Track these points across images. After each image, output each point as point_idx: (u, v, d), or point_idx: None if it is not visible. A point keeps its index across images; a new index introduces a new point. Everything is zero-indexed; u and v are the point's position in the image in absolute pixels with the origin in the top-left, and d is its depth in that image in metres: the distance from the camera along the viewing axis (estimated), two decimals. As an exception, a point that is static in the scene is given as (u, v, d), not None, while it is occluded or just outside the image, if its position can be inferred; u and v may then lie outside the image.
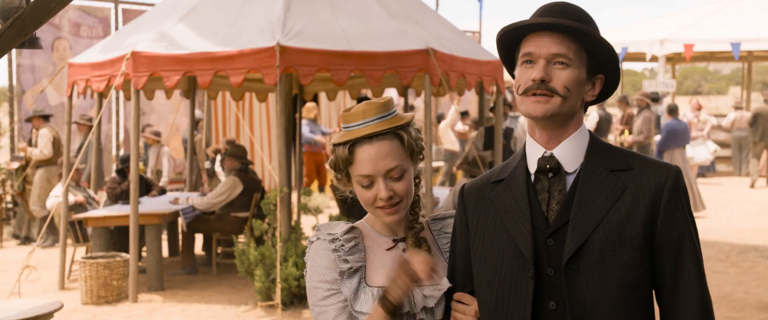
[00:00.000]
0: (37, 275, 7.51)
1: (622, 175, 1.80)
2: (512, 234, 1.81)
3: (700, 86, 42.44)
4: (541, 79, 1.76)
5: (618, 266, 1.74)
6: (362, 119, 1.96)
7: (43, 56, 11.72)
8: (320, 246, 2.00)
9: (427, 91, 7.06)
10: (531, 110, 1.78)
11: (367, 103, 1.99)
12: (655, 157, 11.17)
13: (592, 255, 1.74)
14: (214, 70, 6.70)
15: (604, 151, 1.85)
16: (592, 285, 1.74)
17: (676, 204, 1.78)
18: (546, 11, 1.82)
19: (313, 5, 7.14)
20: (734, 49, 15.90)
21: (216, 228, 8.35)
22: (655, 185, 1.78)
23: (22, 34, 2.91)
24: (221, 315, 6.70)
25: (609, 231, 1.75)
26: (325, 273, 1.96)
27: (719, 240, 9.73)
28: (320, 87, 9.61)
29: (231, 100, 12.88)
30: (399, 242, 2.03)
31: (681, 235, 1.78)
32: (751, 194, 14.39)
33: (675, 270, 1.78)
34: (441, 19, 8.63)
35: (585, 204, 1.77)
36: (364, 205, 2.01)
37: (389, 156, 1.95)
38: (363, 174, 1.95)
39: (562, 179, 1.81)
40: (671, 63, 20.70)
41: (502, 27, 1.84)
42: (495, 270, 1.83)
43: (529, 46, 1.80)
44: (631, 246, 1.75)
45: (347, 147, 1.96)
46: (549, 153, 1.82)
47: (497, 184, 1.90)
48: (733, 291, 7.22)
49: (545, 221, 1.80)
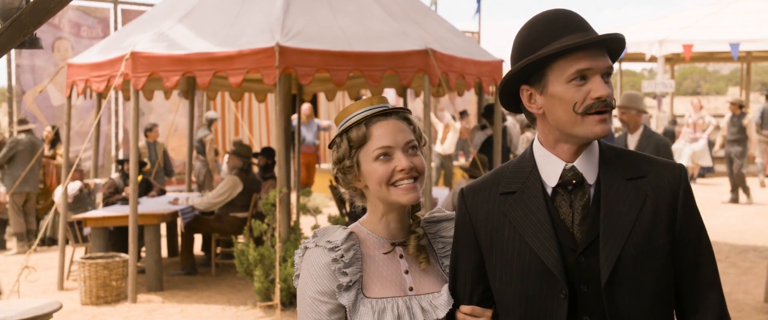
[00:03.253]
0: (36, 275, 7.51)
1: (639, 184, 1.79)
2: (538, 252, 1.77)
3: (699, 87, 42.46)
4: (608, 95, 1.73)
5: (649, 276, 1.75)
6: (363, 107, 1.98)
7: (43, 57, 11.72)
8: (319, 255, 1.94)
9: (426, 91, 7.06)
10: (597, 131, 1.74)
11: (367, 98, 2.01)
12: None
13: (626, 269, 1.74)
14: (214, 71, 6.70)
15: (615, 159, 1.83)
16: (628, 299, 1.74)
17: (690, 203, 1.81)
18: (575, 24, 1.76)
19: (312, 6, 7.14)
20: (733, 49, 15.92)
21: (215, 229, 8.35)
22: (670, 188, 1.79)
23: (22, 34, 2.91)
24: (220, 316, 6.70)
25: (638, 244, 1.75)
26: (324, 284, 1.91)
27: (719, 241, 9.74)
28: (319, 87, 9.61)
29: (230, 101, 12.91)
30: (397, 246, 2.00)
31: (699, 233, 1.82)
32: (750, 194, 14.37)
33: (695, 267, 1.81)
34: (440, 20, 8.63)
35: (612, 218, 1.76)
36: (379, 185, 1.94)
37: (405, 130, 1.97)
38: (382, 145, 1.93)
39: (586, 192, 1.79)
40: (670, 63, 20.72)
41: (556, 45, 1.73)
42: (521, 288, 1.80)
43: (583, 63, 1.72)
44: (659, 254, 1.76)
45: (363, 124, 1.95)
46: (570, 165, 1.80)
47: (508, 196, 1.85)
48: (732, 291, 7.22)
49: (572, 237, 1.78)
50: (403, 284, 1.96)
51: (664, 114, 18.01)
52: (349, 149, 1.97)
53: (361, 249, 1.97)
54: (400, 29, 7.22)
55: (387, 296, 1.93)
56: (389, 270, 1.97)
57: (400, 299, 1.93)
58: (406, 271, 1.98)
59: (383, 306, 1.91)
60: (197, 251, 8.89)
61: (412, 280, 1.97)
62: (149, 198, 9.00)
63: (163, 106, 12.68)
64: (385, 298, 1.92)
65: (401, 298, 1.94)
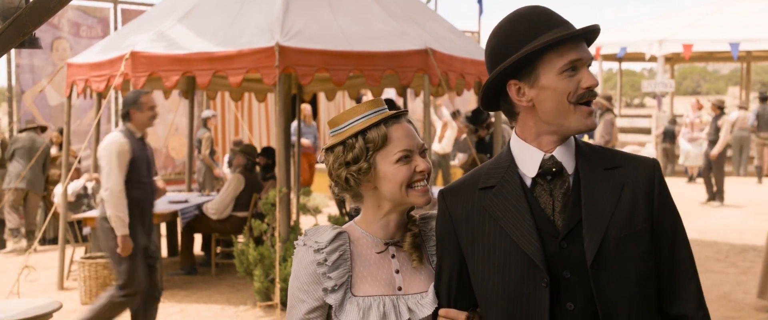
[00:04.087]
0: (36, 275, 7.52)
1: (616, 173, 1.84)
2: (517, 241, 1.80)
3: (699, 86, 42.50)
4: (596, 84, 1.79)
5: (632, 261, 1.78)
6: (372, 108, 1.99)
7: (42, 56, 11.72)
8: (304, 254, 1.98)
9: (426, 91, 7.06)
10: (588, 123, 1.80)
11: (363, 102, 2.01)
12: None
13: (609, 253, 1.77)
14: (213, 70, 6.70)
15: (590, 152, 1.88)
16: (613, 282, 1.77)
17: (666, 195, 1.86)
18: (557, 19, 1.82)
19: (312, 5, 7.14)
20: (733, 49, 15.93)
21: (215, 229, 8.35)
22: (646, 178, 1.84)
23: (22, 34, 2.90)
24: (220, 316, 6.70)
25: (620, 227, 1.78)
26: (305, 283, 1.96)
27: (718, 240, 9.74)
28: (319, 87, 9.61)
29: (230, 100, 12.90)
30: (390, 246, 2.02)
31: (673, 223, 1.85)
32: (750, 194, 14.39)
33: (671, 259, 1.84)
34: (440, 20, 8.64)
35: (593, 203, 1.79)
36: (398, 188, 1.95)
37: (416, 133, 2.01)
38: (403, 148, 1.96)
39: (566, 181, 1.82)
40: (670, 63, 20.73)
41: (546, 38, 1.77)
42: (502, 281, 1.82)
43: (573, 54, 1.78)
44: (641, 238, 1.80)
45: (383, 125, 1.96)
46: (549, 155, 1.83)
47: (487, 191, 1.87)
48: (731, 290, 7.22)
49: (552, 224, 1.80)
50: (392, 283, 1.98)
51: (664, 114, 18.01)
52: (366, 151, 1.96)
53: (353, 248, 2.00)
54: (400, 29, 7.22)
55: (375, 294, 1.95)
56: (380, 269, 1.99)
57: (387, 298, 1.96)
58: (397, 271, 2.00)
59: (369, 304, 1.94)
60: (197, 251, 8.89)
61: (402, 280, 2.00)
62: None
63: (163, 106, 12.66)
64: (372, 297, 1.95)
65: (388, 297, 1.96)
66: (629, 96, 41.25)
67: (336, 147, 2.00)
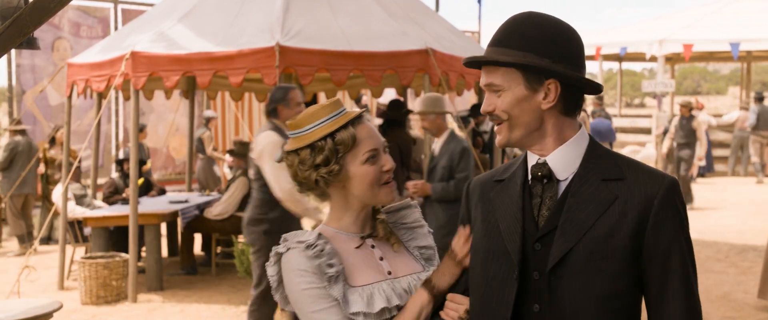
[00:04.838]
0: (36, 275, 7.52)
1: (613, 185, 1.78)
2: (504, 235, 1.83)
3: (700, 86, 42.48)
4: (487, 112, 1.84)
5: (601, 276, 1.73)
6: (335, 110, 2.01)
7: (43, 56, 11.73)
8: (298, 256, 1.97)
9: (426, 91, 7.06)
10: (497, 141, 1.89)
11: (322, 104, 2.03)
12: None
13: (578, 264, 1.74)
14: (214, 70, 6.70)
15: (600, 159, 1.83)
16: (575, 293, 1.74)
17: (666, 215, 1.75)
18: (491, 39, 1.87)
19: (312, 5, 7.14)
20: (733, 49, 15.93)
21: (215, 228, 8.35)
22: (645, 196, 1.75)
23: (22, 34, 2.91)
24: (220, 315, 6.70)
25: (595, 241, 1.74)
26: (314, 280, 1.94)
27: (718, 240, 9.74)
28: (319, 87, 9.61)
29: (230, 100, 12.90)
30: (366, 239, 2.07)
31: (668, 248, 1.75)
32: (750, 194, 14.40)
33: (661, 282, 1.76)
34: (440, 20, 8.64)
35: (573, 212, 1.77)
36: (368, 187, 2.00)
37: (378, 132, 2.07)
38: (371, 148, 2.01)
39: (554, 186, 1.82)
40: (670, 63, 20.73)
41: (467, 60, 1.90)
42: (484, 269, 1.87)
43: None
44: (616, 257, 1.73)
45: (350, 127, 2.00)
46: (542, 160, 1.83)
47: (498, 183, 1.93)
48: (731, 290, 7.22)
49: (535, 225, 1.81)
50: (381, 270, 2.04)
51: (664, 113, 17.99)
52: (336, 153, 1.98)
53: (334, 245, 2.02)
54: (400, 29, 7.23)
55: (371, 282, 1.99)
56: (365, 260, 2.03)
57: (384, 283, 2.01)
58: (381, 258, 2.06)
59: (371, 291, 1.97)
60: (197, 251, 8.89)
61: (389, 265, 2.05)
62: (149, 198, 9.00)
63: (164, 106, 12.68)
64: (370, 284, 1.99)
65: (385, 282, 2.01)
66: (629, 96, 41.24)
67: (302, 150, 2.01)
